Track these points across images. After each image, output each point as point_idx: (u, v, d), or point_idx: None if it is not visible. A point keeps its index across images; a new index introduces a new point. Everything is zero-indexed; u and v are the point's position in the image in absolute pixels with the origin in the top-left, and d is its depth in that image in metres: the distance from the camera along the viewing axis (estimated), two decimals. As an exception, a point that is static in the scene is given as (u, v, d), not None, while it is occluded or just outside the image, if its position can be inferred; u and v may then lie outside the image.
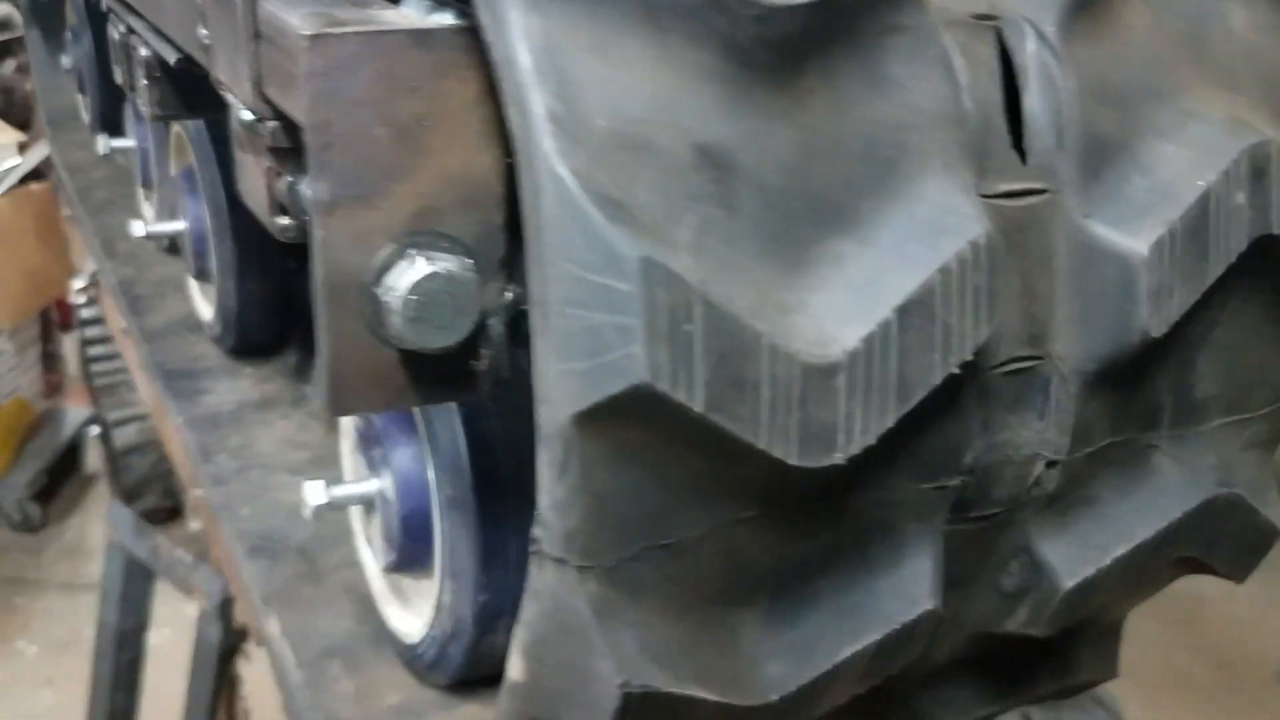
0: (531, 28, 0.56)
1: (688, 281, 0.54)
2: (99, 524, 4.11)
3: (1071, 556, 0.70)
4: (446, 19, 0.69)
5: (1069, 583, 0.70)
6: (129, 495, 3.86)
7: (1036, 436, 0.67)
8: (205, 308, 1.73)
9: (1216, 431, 0.72)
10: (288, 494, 1.39)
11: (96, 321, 4.02)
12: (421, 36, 0.67)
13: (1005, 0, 0.67)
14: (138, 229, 1.68)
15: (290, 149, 0.87)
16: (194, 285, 1.77)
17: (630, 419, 0.55)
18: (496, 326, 0.75)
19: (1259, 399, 0.74)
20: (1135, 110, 0.67)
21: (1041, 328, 0.66)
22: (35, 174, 3.81)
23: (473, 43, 0.67)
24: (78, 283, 2.21)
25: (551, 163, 0.54)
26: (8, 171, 3.87)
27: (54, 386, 4.42)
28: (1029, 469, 0.67)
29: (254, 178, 0.92)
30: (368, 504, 1.08)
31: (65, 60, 2.55)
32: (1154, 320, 0.64)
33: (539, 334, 0.55)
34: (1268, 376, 0.74)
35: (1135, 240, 0.64)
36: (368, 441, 1.08)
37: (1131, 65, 0.67)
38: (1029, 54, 0.66)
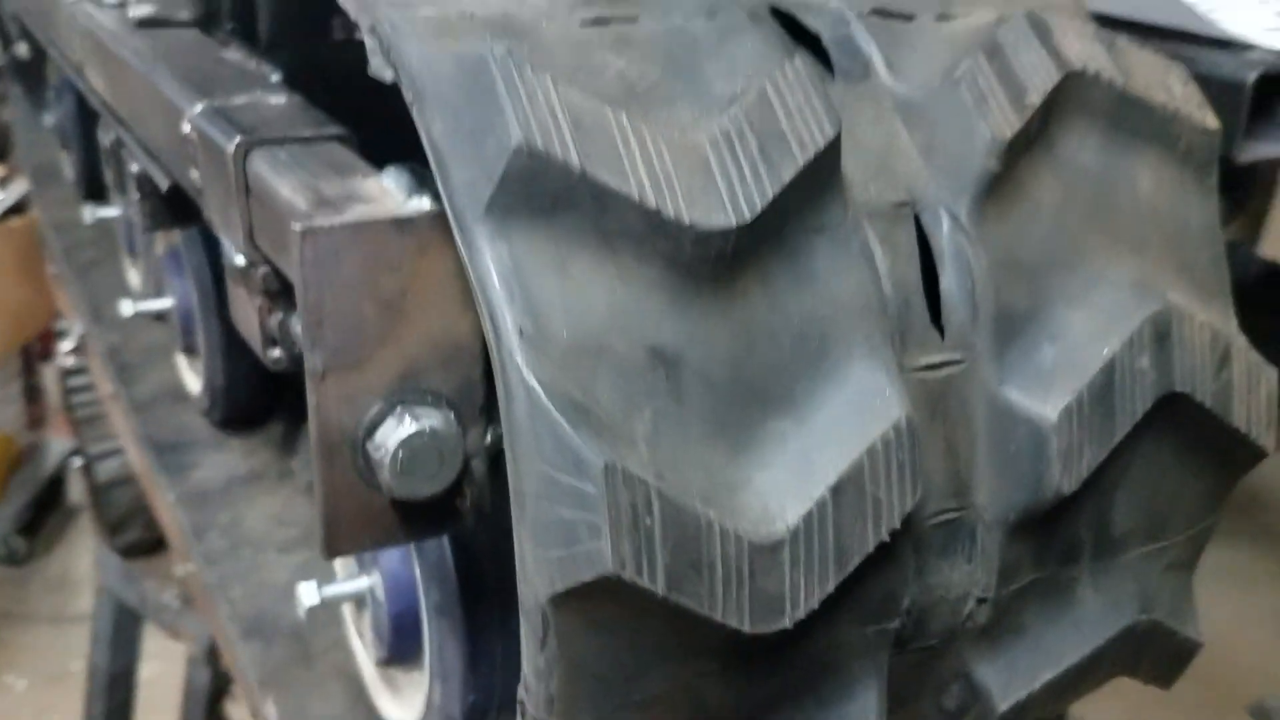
0: (499, 252, 0.63)
1: (645, 480, 0.60)
2: (84, 556, 4.15)
3: (1005, 681, 0.77)
4: (425, 204, 0.76)
5: (1003, 705, 0.77)
6: (112, 529, 3.90)
7: (966, 578, 0.74)
8: (193, 381, 1.78)
9: (1136, 560, 0.79)
10: (278, 573, 1.46)
11: (76, 351, 4.05)
12: (403, 224, 0.74)
13: (922, 186, 0.74)
14: (126, 308, 1.74)
15: (280, 290, 0.94)
16: (181, 358, 1.83)
17: (600, 599, 0.62)
18: (479, 466, 0.82)
19: (1176, 526, 0.81)
20: (1044, 281, 0.74)
21: (964, 483, 0.73)
22: (16, 208, 3.83)
23: (449, 229, 0.74)
24: (66, 344, 2.26)
25: (522, 374, 0.61)
26: (-11, 209, 3.89)
27: (37, 419, 4.45)
28: (961, 606, 0.74)
29: (247, 312, 0.99)
30: (358, 600, 1.14)
31: (48, 118, 2.60)
32: (1065, 479, 0.71)
33: (518, 520, 0.62)
34: (1182, 505, 0.81)
35: (1045, 406, 0.71)
36: (357, 541, 1.15)
37: (1041, 238, 0.75)
38: (944, 237, 0.73)
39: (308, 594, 1.10)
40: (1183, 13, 1.30)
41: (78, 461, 4.16)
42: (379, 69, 0.70)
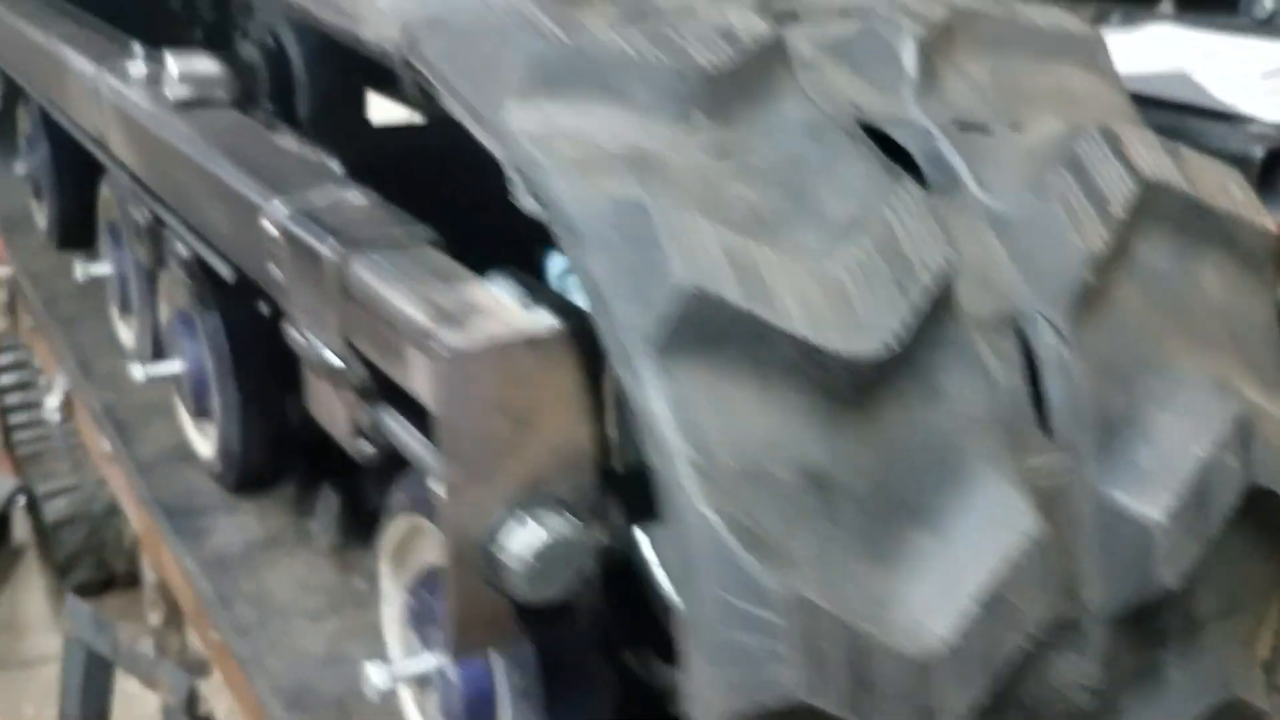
0: (666, 386, 0.67)
1: (819, 604, 0.64)
2: (33, 597, 4.07)
3: (1104, 762, 0.82)
4: (549, 320, 0.79)
5: (1103, 784, 0.82)
6: (61, 570, 3.84)
7: (1076, 669, 0.79)
8: (203, 445, 1.78)
9: (1214, 639, 0.85)
10: (311, 641, 1.47)
11: (18, 388, 4.00)
12: (534, 342, 0.78)
13: (1019, 296, 0.79)
14: (138, 373, 1.73)
15: (374, 389, 0.96)
16: (186, 419, 1.82)
17: (776, 717, 0.65)
18: (591, 568, 0.85)
19: (1247, 604, 0.87)
20: (1134, 384, 0.80)
21: (1075, 579, 0.78)
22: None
23: (570, 342, 0.78)
24: (52, 400, 2.24)
25: (695, 502, 0.65)
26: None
27: (-23, 459, 4.36)
28: (1071, 696, 0.79)
29: (333, 405, 1.01)
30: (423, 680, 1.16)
31: (20, 167, 2.58)
32: (1172, 577, 0.77)
33: (690, 644, 0.66)
34: (1252, 585, 0.86)
35: (1149, 506, 0.77)
36: (422, 619, 1.17)
37: (1129, 342, 0.80)
38: (1046, 345, 0.78)
39: (378, 676, 1.12)
40: (1189, 88, 1.37)
41: (21, 500, 4.09)
42: (527, 206, 0.73)
